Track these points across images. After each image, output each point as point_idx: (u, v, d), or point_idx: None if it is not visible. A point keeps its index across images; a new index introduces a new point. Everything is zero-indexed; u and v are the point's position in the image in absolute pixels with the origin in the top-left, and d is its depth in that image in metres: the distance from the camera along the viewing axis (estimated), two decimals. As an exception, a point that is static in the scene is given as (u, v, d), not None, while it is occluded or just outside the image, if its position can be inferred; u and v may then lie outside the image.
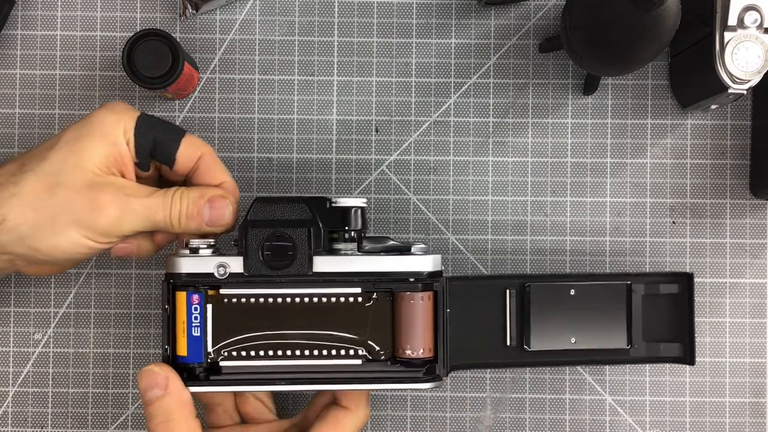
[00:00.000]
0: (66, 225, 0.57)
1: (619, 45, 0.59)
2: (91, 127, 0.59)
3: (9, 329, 0.70)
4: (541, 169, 0.71)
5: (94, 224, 0.57)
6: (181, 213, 0.59)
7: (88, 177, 0.58)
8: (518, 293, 0.64)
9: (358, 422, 0.61)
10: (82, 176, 0.57)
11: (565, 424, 0.70)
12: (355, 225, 0.60)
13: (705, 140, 0.71)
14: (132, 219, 0.58)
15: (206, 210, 0.60)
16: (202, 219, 0.60)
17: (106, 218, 0.57)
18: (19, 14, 0.71)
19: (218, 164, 0.62)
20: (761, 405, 0.71)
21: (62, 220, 0.57)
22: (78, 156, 0.58)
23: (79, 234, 0.57)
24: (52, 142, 0.59)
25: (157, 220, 0.59)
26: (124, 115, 0.60)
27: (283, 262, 0.59)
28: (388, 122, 0.71)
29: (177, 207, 0.59)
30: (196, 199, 0.60)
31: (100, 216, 0.57)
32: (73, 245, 0.58)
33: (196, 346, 0.59)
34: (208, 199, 0.60)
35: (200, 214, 0.60)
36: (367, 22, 0.71)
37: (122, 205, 0.58)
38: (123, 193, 0.58)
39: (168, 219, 0.59)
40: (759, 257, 0.71)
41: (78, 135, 0.59)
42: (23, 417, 0.70)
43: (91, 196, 0.57)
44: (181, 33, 0.71)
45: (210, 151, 0.62)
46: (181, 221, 0.59)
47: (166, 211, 0.59)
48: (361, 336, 0.59)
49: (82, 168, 0.58)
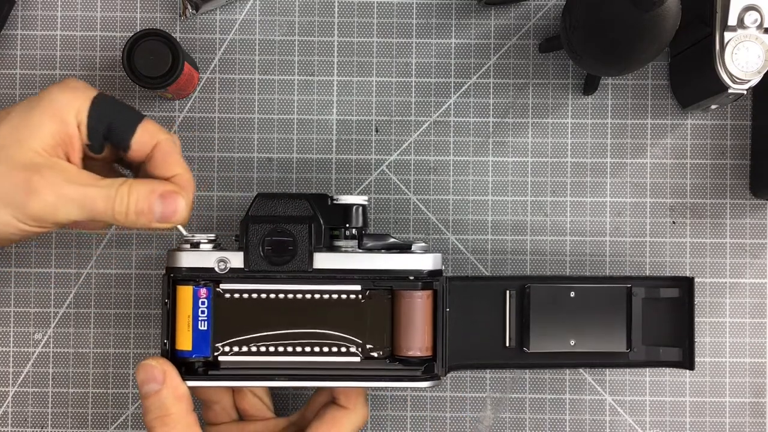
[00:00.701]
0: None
1: (619, 45, 0.59)
2: (41, 103, 0.56)
3: (9, 329, 0.70)
4: (541, 169, 0.71)
5: (25, 207, 0.54)
6: (129, 208, 0.56)
7: (28, 156, 0.54)
8: (518, 294, 0.64)
9: (357, 422, 0.61)
10: (22, 154, 0.54)
11: (565, 424, 0.70)
12: (356, 222, 0.60)
13: (705, 140, 0.71)
14: (67, 207, 0.55)
15: (157, 205, 0.56)
16: (153, 215, 0.57)
17: (39, 203, 0.54)
18: (19, 14, 0.71)
19: (175, 154, 0.59)
20: (761, 405, 0.70)
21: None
22: (22, 132, 0.55)
23: (9, 215, 0.54)
24: (3, 113, 0.56)
25: (96, 210, 0.55)
26: (78, 94, 0.56)
27: (283, 257, 0.59)
28: (388, 122, 0.71)
29: (124, 201, 0.56)
30: (147, 194, 0.56)
31: (32, 200, 0.54)
32: (3, 224, 0.54)
33: (202, 340, 0.59)
34: (159, 194, 0.57)
35: (151, 210, 0.56)
36: (367, 22, 0.71)
37: (57, 191, 0.54)
38: (61, 178, 0.55)
39: (112, 212, 0.56)
40: (759, 257, 0.71)
41: (28, 110, 0.56)
42: (23, 417, 0.70)
43: (25, 177, 0.54)
44: (181, 33, 0.71)
45: (167, 140, 0.59)
46: (129, 216, 0.56)
47: (110, 203, 0.55)
48: (360, 334, 0.60)
49: (23, 145, 0.54)
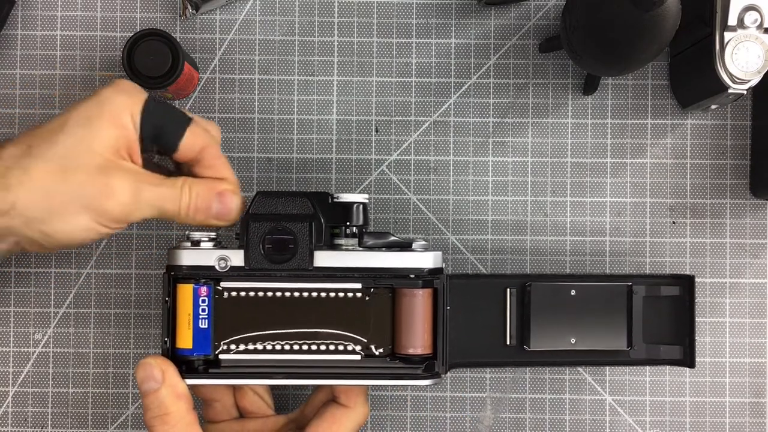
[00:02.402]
0: (77, 210, 0.56)
1: (619, 45, 0.59)
2: (100, 108, 0.57)
3: (9, 329, 0.70)
4: (541, 169, 0.71)
5: (106, 210, 0.56)
6: (190, 205, 0.58)
7: (100, 161, 0.56)
8: (519, 293, 0.64)
9: (357, 420, 0.61)
10: (94, 160, 0.56)
11: (565, 424, 0.70)
12: (356, 220, 0.60)
13: (705, 140, 0.71)
14: (143, 207, 0.57)
15: (215, 203, 0.59)
16: (210, 212, 0.59)
17: (119, 204, 0.56)
18: (19, 14, 0.71)
19: (222, 158, 0.61)
20: (761, 405, 0.70)
21: (74, 205, 0.56)
22: (88, 139, 0.56)
23: (90, 219, 0.56)
24: (59, 122, 0.57)
25: (166, 210, 0.58)
26: (133, 97, 0.58)
27: (283, 256, 0.59)
28: (388, 122, 0.71)
29: (186, 198, 0.58)
30: (205, 192, 0.59)
31: (113, 202, 0.56)
32: (83, 230, 0.57)
33: (203, 339, 0.59)
34: (217, 192, 0.59)
35: (209, 207, 0.59)
36: (367, 22, 0.71)
37: (135, 192, 0.57)
38: (135, 180, 0.57)
39: (178, 210, 0.58)
40: (759, 257, 0.71)
41: (86, 116, 0.57)
42: (23, 417, 0.70)
43: (103, 181, 0.56)
44: (181, 33, 0.71)
45: (215, 144, 0.61)
46: (189, 213, 0.59)
47: (176, 201, 0.58)
48: (360, 332, 0.60)
49: (93, 152, 0.56)
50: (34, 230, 0.56)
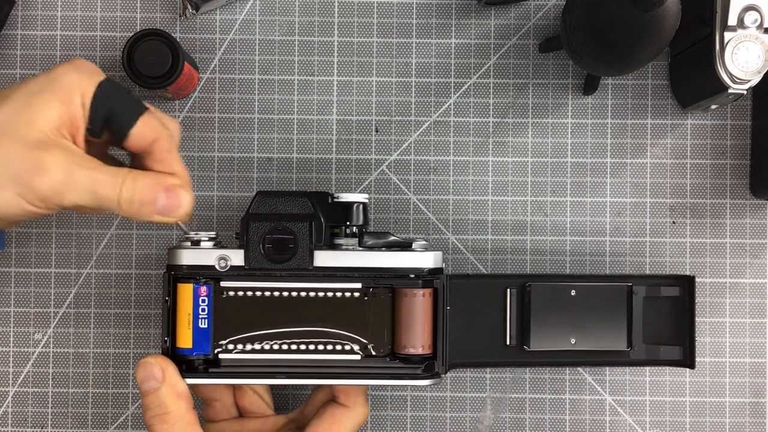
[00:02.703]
0: (3, 182, 0.53)
1: (619, 45, 0.59)
2: (50, 83, 0.55)
3: (9, 329, 0.70)
4: (541, 169, 0.71)
5: (34, 186, 0.53)
6: (133, 197, 0.55)
7: (37, 135, 0.53)
8: (519, 293, 0.64)
9: (357, 420, 0.61)
10: (31, 133, 0.53)
11: (565, 424, 0.70)
12: (356, 220, 0.60)
13: (705, 140, 0.71)
14: (76, 190, 0.54)
15: (161, 198, 0.56)
16: (155, 206, 0.56)
17: (48, 182, 0.53)
18: (19, 14, 0.71)
19: (174, 151, 0.58)
20: (761, 405, 0.70)
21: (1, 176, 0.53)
22: (30, 111, 0.54)
23: (15, 194, 0.53)
24: (7, 92, 0.55)
25: (103, 197, 0.55)
26: (86, 76, 0.55)
27: (283, 255, 0.59)
28: (388, 122, 0.71)
29: (129, 190, 0.55)
30: (152, 186, 0.56)
31: (42, 178, 0.53)
32: (9, 205, 0.53)
33: (203, 338, 0.59)
34: (164, 187, 0.56)
35: (154, 202, 0.56)
36: (367, 22, 0.71)
37: (68, 172, 0.54)
38: (70, 160, 0.54)
39: (117, 199, 0.55)
40: (759, 257, 0.71)
41: (35, 88, 0.55)
42: (23, 417, 0.70)
43: (36, 155, 0.53)
44: (181, 33, 0.71)
45: (168, 136, 0.58)
46: (132, 206, 0.56)
47: (116, 190, 0.55)
48: (360, 332, 0.60)
49: (31, 125, 0.53)
50: None
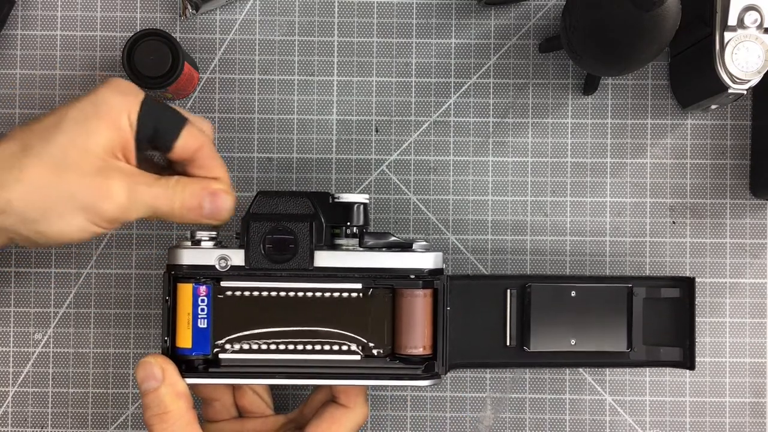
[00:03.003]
0: (73, 210, 0.56)
1: (619, 45, 0.59)
2: (96, 108, 0.57)
3: (9, 329, 0.70)
4: (541, 169, 0.71)
5: (102, 211, 0.56)
6: (183, 203, 0.59)
7: (96, 162, 0.56)
8: (519, 294, 0.64)
9: (356, 420, 0.61)
10: (90, 161, 0.56)
11: (565, 424, 0.70)
12: (357, 221, 0.60)
13: (705, 140, 0.71)
14: (138, 207, 0.57)
15: (207, 202, 0.59)
16: (202, 211, 0.59)
17: (115, 205, 0.56)
18: (19, 14, 0.71)
19: (216, 157, 0.61)
20: (761, 405, 0.70)
21: (69, 206, 0.56)
22: (84, 139, 0.56)
23: (85, 219, 0.56)
24: (55, 119, 0.57)
25: (159, 209, 0.58)
26: (129, 97, 0.58)
27: (284, 255, 0.59)
28: (388, 122, 0.71)
29: (179, 197, 0.59)
30: (198, 191, 0.59)
31: (109, 203, 0.56)
32: (78, 231, 0.57)
33: (202, 338, 0.59)
34: (209, 192, 0.59)
35: (201, 206, 0.59)
36: (367, 22, 0.71)
37: (130, 193, 0.57)
38: (130, 181, 0.57)
39: (171, 210, 0.58)
40: (759, 257, 0.71)
41: (83, 116, 0.57)
42: (23, 417, 0.70)
43: (99, 182, 0.56)
44: (181, 33, 0.71)
45: (210, 143, 0.61)
46: (183, 212, 0.59)
47: (169, 201, 0.58)
48: (360, 332, 0.60)
49: (88, 152, 0.56)
50: (29, 229, 0.56)
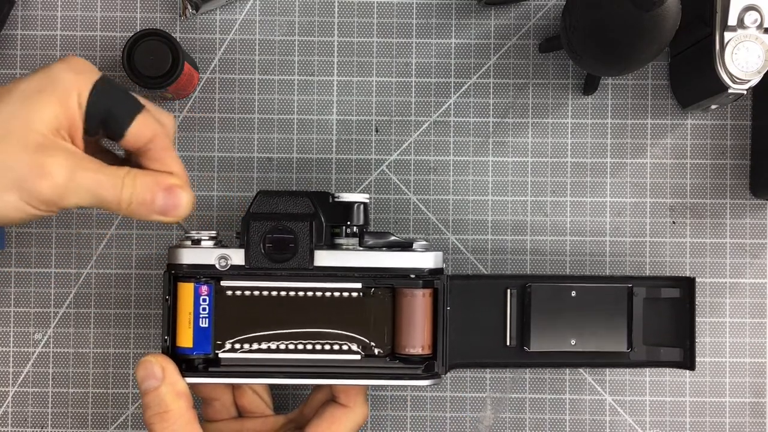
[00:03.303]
0: (5, 186, 0.52)
1: (619, 45, 0.59)
2: (47, 83, 0.54)
3: (9, 329, 0.70)
4: (541, 169, 0.71)
5: (37, 190, 0.52)
6: (132, 196, 0.55)
7: (37, 138, 0.53)
8: (519, 293, 0.64)
9: (356, 420, 0.61)
10: (30, 137, 0.53)
11: (565, 424, 0.70)
12: (357, 220, 0.60)
13: (705, 140, 0.71)
14: (78, 191, 0.54)
15: (160, 198, 0.56)
16: (154, 206, 0.56)
17: (52, 186, 0.53)
18: (19, 14, 0.71)
19: (171, 150, 0.58)
20: (761, 405, 0.70)
21: (3, 180, 0.52)
22: (28, 113, 0.53)
23: (18, 198, 0.52)
24: (5, 90, 0.54)
25: (105, 198, 0.54)
26: (82, 76, 0.55)
27: (284, 255, 0.59)
28: (388, 122, 0.71)
29: (129, 190, 0.55)
30: (150, 185, 0.56)
31: (45, 182, 0.52)
32: (11, 209, 0.53)
33: (203, 338, 0.59)
34: (164, 186, 0.56)
35: (153, 201, 0.55)
36: (367, 22, 0.71)
37: (70, 175, 0.53)
38: (72, 162, 0.53)
39: (118, 201, 0.55)
40: (759, 257, 0.71)
41: (32, 89, 0.54)
42: (23, 417, 0.70)
43: (37, 159, 0.52)
44: (181, 33, 0.71)
45: (164, 134, 0.57)
46: (131, 206, 0.55)
47: (116, 191, 0.54)
48: (360, 332, 0.60)
49: (30, 128, 0.53)
50: None
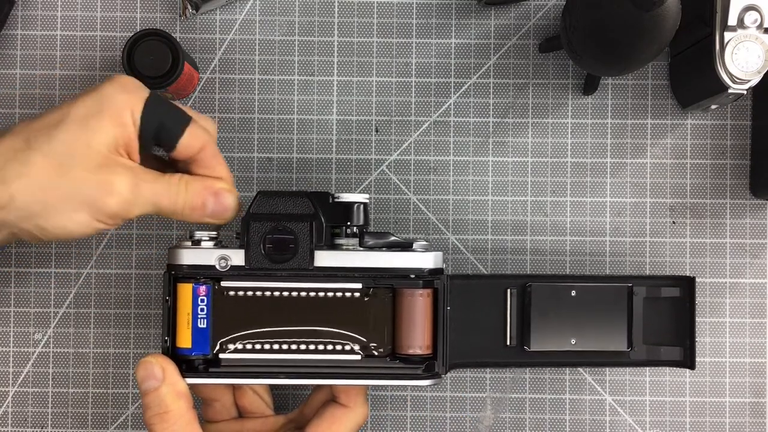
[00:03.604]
0: (76, 206, 0.56)
1: (619, 45, 0.59)
2: (100, 105, 0.57)
3: (9, 329, 0.70)
4: (541, 169, 0.71)
5: (105, 207, 0.56)
6: (185, 202, 0.59)
7: (99, 158, 0.56)
8: (519, 293, 0.64)
9: (356, 420, 0.61)
10: (93, 157, 0.56)
11: (565, 424, 0.70)
12: (357, 220, 0.60)
13: (705, 140, 0.71)
14: (141, 203, 0.58)
15: (210, 202, 0.60)
16: (205, 210, 0.60)
17: (117, 201, 0.57)
18: (19, 14, 0.71)
19: (219, 157, 0.61)
20: (761, 405, 0.70)
21: (72, 201, 0.56)
22: (88, 136, 0.56)
23: (87, 215, 0.56)
24: (59, 116, 0.57)
25: (162, 206, 0.59)
26: (133, 95, 0.58)
27: (284, 255, 0.59)
28: (388, 122, 0.71)
29: (182, 196, 0.59)
30: (201, 190, 0.59)
31: (112, 198, 0.56)
32: (81, 226, 0.57)
33: (202, 338, 0.59)
34: (212, 191, 0.60)
35: (204, 205, 0.59)
36: (367, 22, 0.71)
37: (133, 190, 0.57)
38: (134, 177, 0.57)
39: (173, 207, 0.59)
40: (759, 257, 0.71)
41: (87, 113, 0.57)
42: (23, 417, 0.70)
43: (103, 179, 0.56)
44: (181, 33, 0.71)
45: (213, 143, 0.61)
46: (185, 211, 0.59)
47: (172, 198, 0.59)
48: (360, 332, 0.60)
49: (91, 149, 0.56)
50: (30, 224, 0.56)
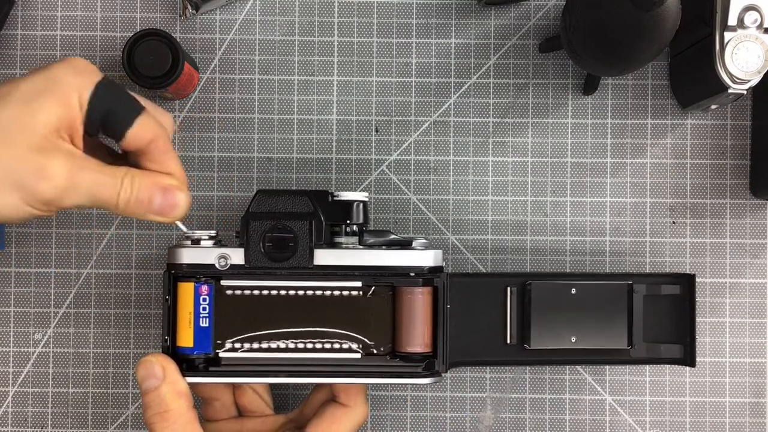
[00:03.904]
0: (6, 188, 0.53)
1: (619, 45, 0.59)
2: (48, 84, 0.54)
3: (9, 329, 0.70)
4: (541, 169, 0.71)
5: (37, 192, 0.53)
6: (130, 197, 0.56)
7: (37, 139, 0.53)
8: (519, 291, 0.64)
9: (356, 420, 0.61)
10: (31, 137, 0.53)
11: (565, 424, 0.70)
12: (356, 219, 0.60)
13: (705, 140, 0.71)
14: (77, 193, 0.54)
15: (158, 197, 0.56)
16: (151, 206, 0.56)
17: (51, 186, 0.53)
18: (19, 14, 0.71)
19: (172, 152, 0.58)
20: (761, 405, 0.70)
21: (3, 182, 0.53)
22: (30, 114, 0.53)
23: (18, 198, 0.53)
24: (5, 91, 0.54)
25: (102, 198, 0.55)
26: (84, 77, 0.55)
27: (284, 254, 0.59)
28: (388, 122, 0.71)
29: (127, 190, 0.55)
30: (149, 185, 0.56)
31: (46, 183, 0.53)
32: (12, 209, 0.53)
33: (204, 337, 0.59)
34: (161, 186, 0.56)
35: (150, 201, 0.56)
36: (367, 22, 0.71)
37: (70, 177, 0.54)
38: (73, 164, 0.54)
39: (116, 201, 0.55)
40: (759, 257, 0.71)
41: (33, 90, 0.54)
42: (23, 417, 0.70)
43: (38, 161, 0.53)
44: (181, 33, 0.71)
45: (164, 136, 0.58)
46: (129, 205, 0.56)
47: (114, 192, 0.55)
48: (360, 330, 0.60)
49: (31, 129, 0.53)
50: None
